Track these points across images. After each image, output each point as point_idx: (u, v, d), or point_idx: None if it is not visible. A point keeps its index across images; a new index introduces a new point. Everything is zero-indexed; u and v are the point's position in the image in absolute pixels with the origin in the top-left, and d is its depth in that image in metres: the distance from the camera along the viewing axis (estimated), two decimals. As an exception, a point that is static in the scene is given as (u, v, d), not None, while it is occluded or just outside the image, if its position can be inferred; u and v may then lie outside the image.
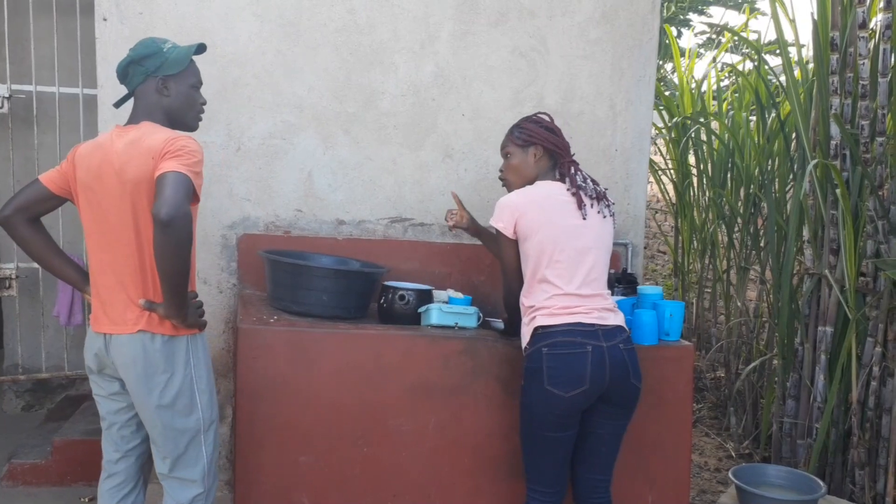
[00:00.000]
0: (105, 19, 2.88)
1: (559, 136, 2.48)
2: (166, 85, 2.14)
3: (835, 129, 3.25)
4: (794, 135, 3.88)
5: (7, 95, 3.59)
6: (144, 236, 2.04)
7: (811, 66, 3.92)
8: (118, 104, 2.27)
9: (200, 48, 2.22)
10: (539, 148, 2.44)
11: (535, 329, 2.31)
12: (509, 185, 2.51)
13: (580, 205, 2.36)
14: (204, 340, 2.19)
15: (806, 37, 3.78)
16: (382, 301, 2.70)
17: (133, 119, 2.15)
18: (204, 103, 2.26)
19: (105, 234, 2.09)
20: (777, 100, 4.35)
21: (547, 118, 2.52)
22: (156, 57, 2.12)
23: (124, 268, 2.07)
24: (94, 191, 2.09)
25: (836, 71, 3.24)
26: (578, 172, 2.44)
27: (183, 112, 2.18)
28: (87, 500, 3.31)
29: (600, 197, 2.43)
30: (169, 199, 1.88)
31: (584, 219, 2.36)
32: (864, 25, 3.10)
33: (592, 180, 2.47)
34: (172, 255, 1.91)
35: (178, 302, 2.00)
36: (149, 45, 2.14)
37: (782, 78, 4.03)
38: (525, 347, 2.36)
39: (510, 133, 2.50)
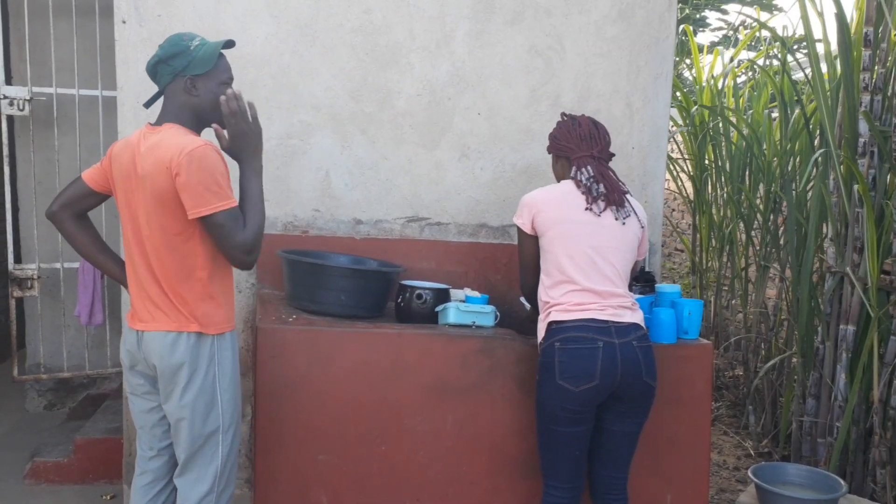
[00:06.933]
0: (124, 21, 2.90)
1: (568, 134, 2.48)
2: (194, 84, 2.09)
3: (863, 127, 3.21)
4: (818, 132, 3.84)
5: (28, 98, 3.62)
6: (158, 239, 2.06)
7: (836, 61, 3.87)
8: (148, 103, 2.24)
9: (228, 43, 2.16)
10: (553, 155, 2.56)
11: (550, 324, 2.34)
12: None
13: (588, 202, 2.37)
14: (234, 340, 2.19)
15: (825, 31, 3.71)
16: (400, 300, 2.70)
17: (160, 119, 2.13)
18: None
19: (136, 233, 2.11)
20: (801, 96, 4.29)
21: (561, 118, 2.56)
22: (183, 56, 2.07)
23: (152, 265, 2.09)
24: (123, 189, 2.12)
25: (868, 67, 3.19)
26: (584, 170, 2.43)
27: (213, 111, 2.13)
28: (108, 497, 3.35)
29: (613, 201, 2.39)
30: (236, 246, 2.04)
31: (598, 216, 2.36)
32: (906, 23, 3.06)
33: (613, 179, 2.44)
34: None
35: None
36: (176, 44, 2.09)
37: (804, 73, 3.98)
38: (540, 342, 2.38)
39: None
